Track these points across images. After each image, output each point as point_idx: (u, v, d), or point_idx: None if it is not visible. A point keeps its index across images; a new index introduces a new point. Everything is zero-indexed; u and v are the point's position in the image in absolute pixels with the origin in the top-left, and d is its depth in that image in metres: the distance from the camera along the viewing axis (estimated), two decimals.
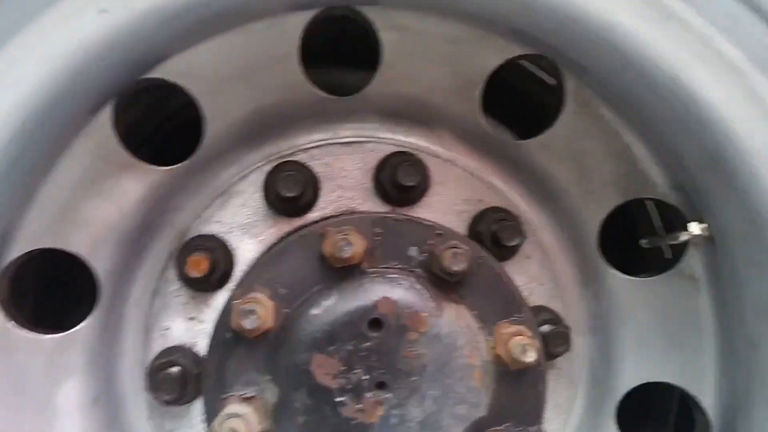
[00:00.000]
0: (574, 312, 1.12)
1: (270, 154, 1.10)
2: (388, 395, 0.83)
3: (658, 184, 1.08)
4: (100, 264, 1.03)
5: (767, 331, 0.92)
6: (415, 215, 1.12)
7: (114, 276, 1.05)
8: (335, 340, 0.83)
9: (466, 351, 0.85)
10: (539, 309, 1.13)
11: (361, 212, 1.02)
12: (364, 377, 0.83)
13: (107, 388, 1.04)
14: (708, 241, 1.00)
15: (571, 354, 1.12)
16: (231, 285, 1.08)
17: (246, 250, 1.09)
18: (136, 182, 1.01)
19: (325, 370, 0.83)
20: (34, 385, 0.98)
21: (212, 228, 1.09)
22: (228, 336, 0.83)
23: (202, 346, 1.07)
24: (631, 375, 1.11)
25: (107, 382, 1.04)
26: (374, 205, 1.13)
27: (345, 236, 0.83)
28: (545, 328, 1.09)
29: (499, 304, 0.89)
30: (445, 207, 1.12)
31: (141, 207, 1.04)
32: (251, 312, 0.81)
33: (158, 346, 1.06)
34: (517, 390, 0.86)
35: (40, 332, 1.01)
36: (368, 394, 0.83)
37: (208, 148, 1.04)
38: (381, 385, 0.84)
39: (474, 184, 1.09)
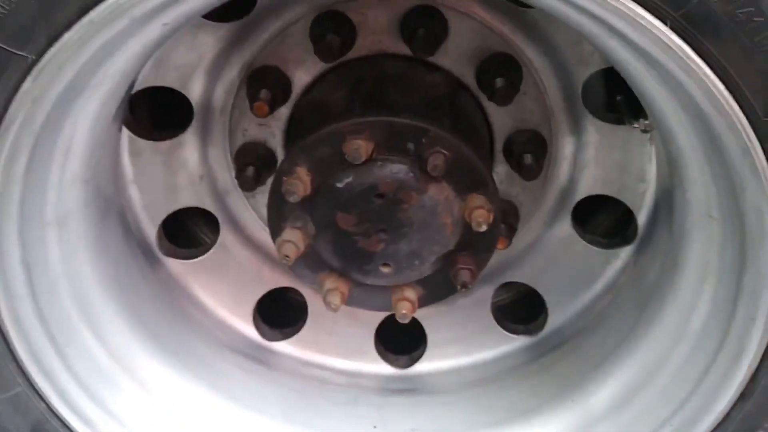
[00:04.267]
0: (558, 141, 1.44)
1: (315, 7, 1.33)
2: (386, 236, 1.26)
3: None
4: (193, 93, 1.40)
5: None
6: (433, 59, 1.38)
7: (203, 98, 1.42)
8: (352, 204, 1.23)
9: (443, 214, 1.24)
10: (531, 132, 1.45)
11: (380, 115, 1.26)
12: (371, 225, 1.25)
13: (210, 170, 1.49)
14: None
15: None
16: (290, 102, 1.44)
17: (299, 80, 1.41)
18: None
19: (345, 221, 1.25)
20: (156, 173, 1.45)
21: (273, 60, 1.39)
22: (281, 193, 1.24)
23: (271, 143, 1.48)
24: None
25: (210, 165, 1.49)
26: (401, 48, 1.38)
27: (357, 147, 1.16)
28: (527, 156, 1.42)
29: (472, 182, 1.23)
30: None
31: (217, 47, 1.36)
32: (293, 190, 1.20)
33: (240, 140, 1.48)
34: (476, 239, 1.27)
35: (157, 140, 1.44)
36: (374, 235, 1.26)
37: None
38: (382, 230, 1.26)
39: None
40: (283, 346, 1.63)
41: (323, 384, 1.59)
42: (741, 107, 0.88)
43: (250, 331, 1.61)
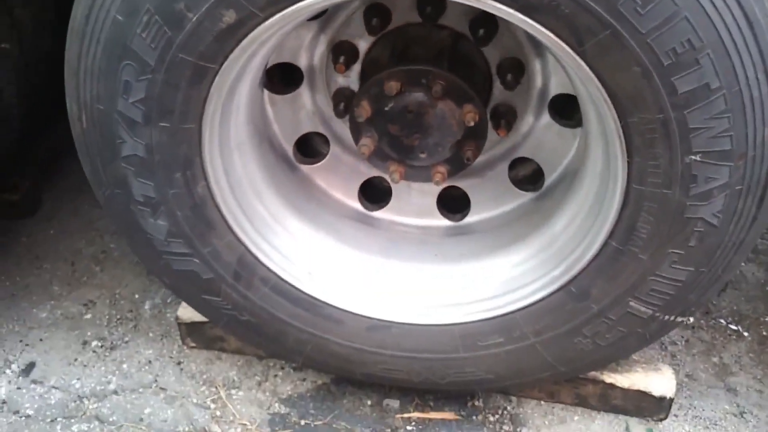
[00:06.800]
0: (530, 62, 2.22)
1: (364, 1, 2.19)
2: (419, 135, 2.13)
3: None
4: (301, 63, 2.31)
5: None
6: (440, 22, 2.19)
7: (308, 65, 2.33)
8: (395, 119, 2.11)
9: (449, 118, 2.09)
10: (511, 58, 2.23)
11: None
12: (409, 130, 2.13)
13: (319, 108, 2.41)
14: None
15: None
16: (359, 61, 2.30)
17: (362, 47, 2.27)
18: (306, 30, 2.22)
19: (393, 129, 2.12)
20: (286, 113, 2.39)
21: (345, 37, 2.27)
22: (355, 116, 2.14)
23: (352, 87, 2.36)
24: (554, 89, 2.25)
25: (318, 105, 2.41)
26: (418, 19, 2.20)
27: (391, 86, 2.03)
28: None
29: (463, 98, 2.07)
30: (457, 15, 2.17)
31: (311, 34, 2.25)
32: (361, 114, 2.09)
33: (333, 87, 2.37)
34: (472, 131, 2.12)
35: (284, 94, 2.37)
36: (412, 135, 2.14)
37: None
38: (416, 132, 2.13)
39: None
40: (378, 213, 2.43)
41: (404, 234, 2.49)
42: (569, 46, 1.65)
43: (357, 205, 2.43)
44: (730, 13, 1.58)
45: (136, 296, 3.01)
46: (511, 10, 1.63)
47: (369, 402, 2.56)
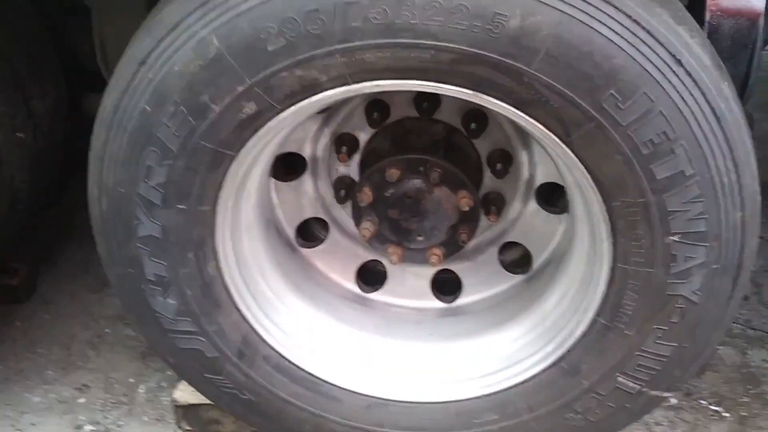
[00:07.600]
0: (518, 153, 2.41)
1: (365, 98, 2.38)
2: (417, 219, 2.28)
3: None
4: (306, 153, 2.48)
5: None
6: (435, 116, 2.38)
7: (312, 155, 2.50)
8: (395, 204, 2.26)
9: (446, 203, 2.25)
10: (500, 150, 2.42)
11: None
12: (407, 214, 2.28)
13: (320, 194, 2.56)
14: None
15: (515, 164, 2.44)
16: (359, 151, 2.48)
17: (362, 138, 2.45)
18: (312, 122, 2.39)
19: (393, 213, 2.27)
20: (290, 199, 2.53)
21: (347, 129, 2.45)
22: (357, 201, 2.29)
23: (352, 175, 2.52)
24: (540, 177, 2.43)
25: (320, 191, 2.56)
26: (414, 113, 2.40)
27: (392, 173, 2.19)
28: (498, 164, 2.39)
29: (458, 184, 2.24)
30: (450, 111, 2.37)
31: (315, 126, 2.43)
32: (363, 199, 2.24)
33: (335, 176, 2.53)
34: (466, 215, 2.27)
35: (289, 181, 2.52)
36: (410, 219, 2.28)
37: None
38: (414, 216, 2.28)
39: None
40: (374, 295, 2.53)
41: (400, 314, 2.60)
42: (557, 136, 1.84)
43: (353, 287, 2.55)
44: (699, 109, 1.78)
45: (131, 380, 3.04)
46: (505, 105, 1.81)
47: None
